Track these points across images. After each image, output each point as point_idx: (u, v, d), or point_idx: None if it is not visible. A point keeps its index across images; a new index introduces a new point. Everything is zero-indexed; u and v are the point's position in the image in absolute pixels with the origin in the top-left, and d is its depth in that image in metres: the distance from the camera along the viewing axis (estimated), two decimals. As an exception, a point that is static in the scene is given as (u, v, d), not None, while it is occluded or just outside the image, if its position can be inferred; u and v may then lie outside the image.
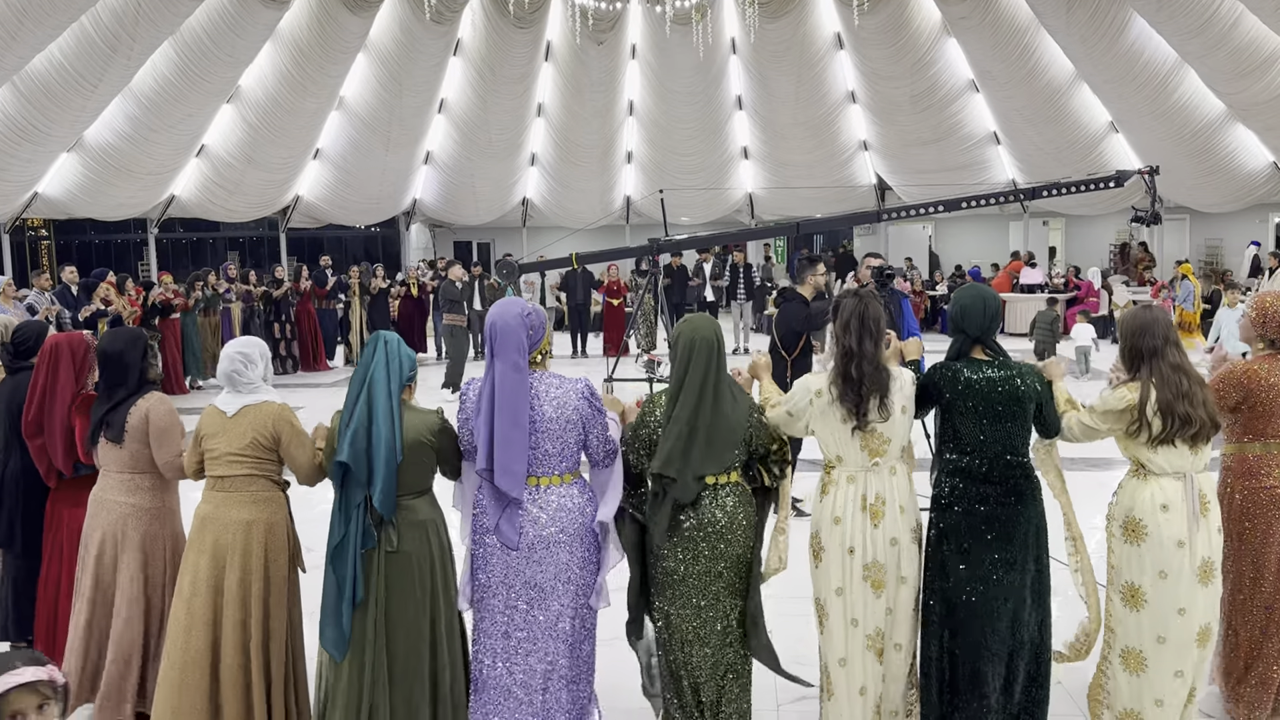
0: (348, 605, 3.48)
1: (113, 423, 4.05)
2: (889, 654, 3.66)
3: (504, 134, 22.22)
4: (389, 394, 3.55)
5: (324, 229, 25.18)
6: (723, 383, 3.55)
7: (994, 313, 3.73)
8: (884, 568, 3.59)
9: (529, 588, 3.53)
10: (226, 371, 3.86)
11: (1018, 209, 22.57)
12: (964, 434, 3.65)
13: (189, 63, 17.35)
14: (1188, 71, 17.77)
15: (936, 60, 20.18)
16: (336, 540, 3.52)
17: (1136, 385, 3.65)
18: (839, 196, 23.02)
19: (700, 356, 3.52)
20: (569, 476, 3.60)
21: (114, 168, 18.36)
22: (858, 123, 22.10)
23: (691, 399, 3.48)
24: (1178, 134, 18.76)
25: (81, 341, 4.46)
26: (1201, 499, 3.62)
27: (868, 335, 3.56)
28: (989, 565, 3.59)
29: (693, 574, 3.53)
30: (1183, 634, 3.58)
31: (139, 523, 4.06)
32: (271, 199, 21.63)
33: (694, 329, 3.59)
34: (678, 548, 3.54)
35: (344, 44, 19.22)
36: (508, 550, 3.51)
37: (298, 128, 20.29)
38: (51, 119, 16.26)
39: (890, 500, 3.61)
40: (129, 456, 4.06)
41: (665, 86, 21.55)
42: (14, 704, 2.13)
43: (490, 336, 3.55)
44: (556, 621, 3.55)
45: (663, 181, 18.38)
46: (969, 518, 3.62)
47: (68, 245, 28.17)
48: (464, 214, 24.00)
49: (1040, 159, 20.71)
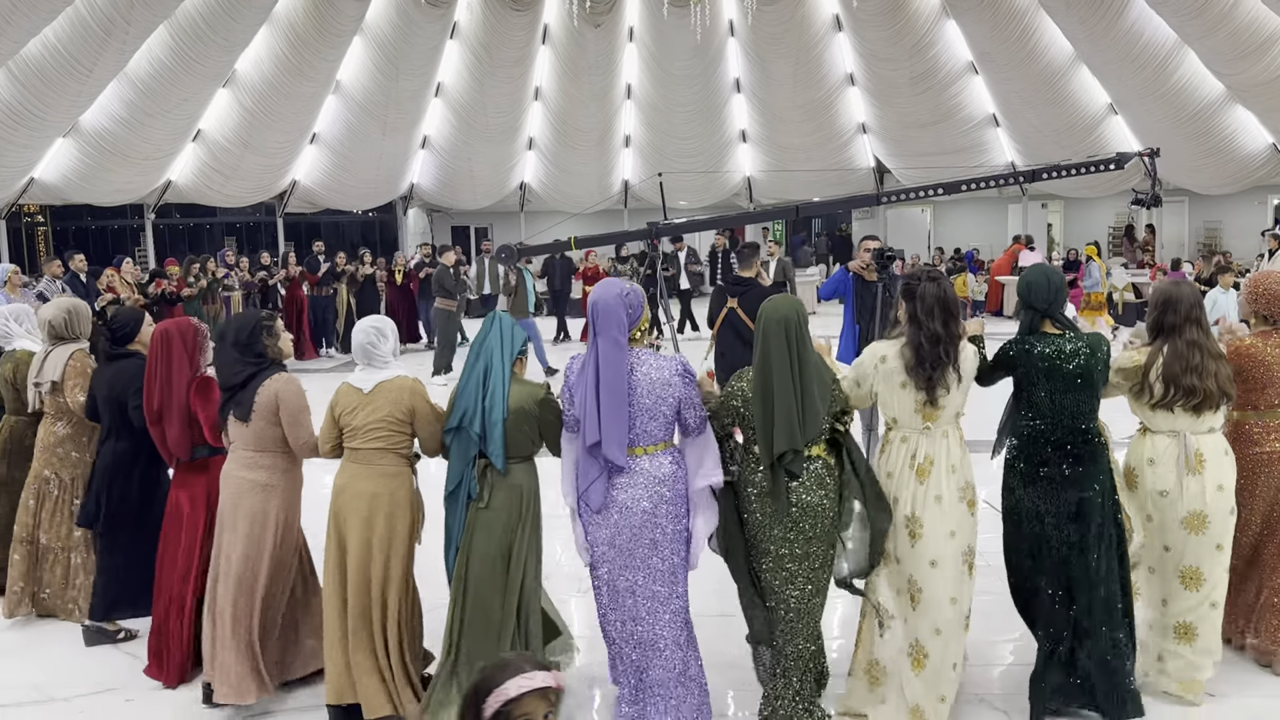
0: (452, 550, 3.92)
1: (241, 401, 4.13)
2: (930, 604, 3.82)
3: (501, 118, 22.15)
4: (503, 364, 3.87)
5: (321, 214, 25.09)
6: (810, 357, 3.76)
7: (1058, 287, 3.98)
8: (921, 521, 3.81)
9: (625, 553, 3.78)
10: (362, 345, 4.05)
11: (1016, 192, 22.53)
12: (1038, 403, 3.91)
13: (184, 46, 17.28)
14: (1187, 53, 17.72)
15: (935, 42, 20.12)
16: (451, 488, 3.92)
17: (1147, 351, 4.03)
18: (838, 180, 22.95)
19: (790, 334, 3.69)
20: (662, 446, 3.82)
21: (110, 153, 18.31)
22: (856, 105, 22.04)
23: (787, 376, 3.67)
24: (1177, 116, 18.72)
25: (190, 326, 4.56)
26: (1197, 457, 4.01)
27: (950, 318, 3.78)
28: (1041, 510, 3.89)
29: (784, 535, 3.75)
30: (1167, 567, 4.11)
31: (252, 498, 4.15)
32: (268, 184, 21.56)
33: (776, 308, 3.78)
34: (774, 512, 3.76)
35: (340, 27, 19.14)
36: (607, 516, 3.76)
37: (294, 112, 20.22)
38: (47, 104, 16.20)
39: (939, 460, 3.84)
40: (254, 434, 4.14)
41: (663, 70, 21.48)
42: (524, 707, 2.10)
43: (592, 315, 3.77)
44: (653, 583, 3.78)
45: (661, 165, 18.32)
46: (1033, 472, 3.92)
47: (64, 231, 28.06)
48: (461, 199, 23.93)
49: (1039, 141, 20.66)
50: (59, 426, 5.16)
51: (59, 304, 5.32)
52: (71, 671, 4.66)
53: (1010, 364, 3.97)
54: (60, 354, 5.12)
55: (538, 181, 23.47)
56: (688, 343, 13.09)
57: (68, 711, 4.29)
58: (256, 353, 4.17)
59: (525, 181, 23.54)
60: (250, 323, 4.26)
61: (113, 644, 4.87)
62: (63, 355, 5.10)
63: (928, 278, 3.84)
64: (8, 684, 4.54)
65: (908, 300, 3.86)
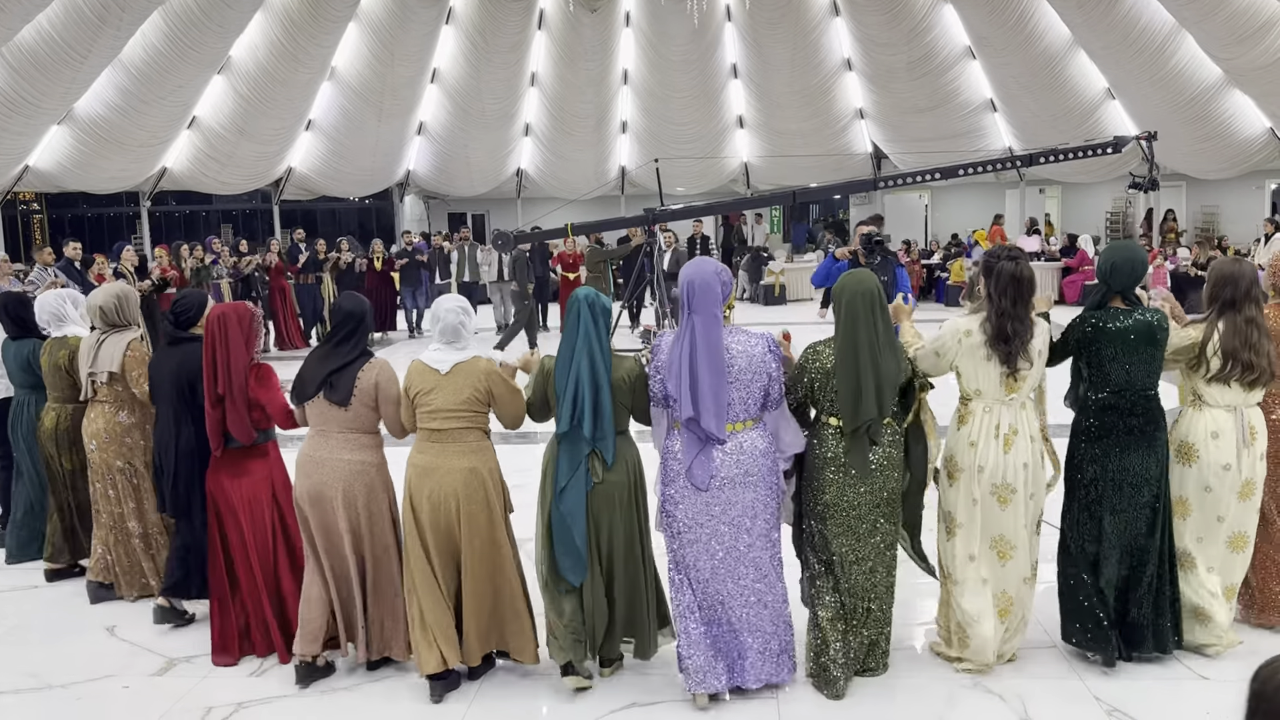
0: (580, 536, 3.94)
1: (338, 385, 4.17)
2: (1010, 556, 4.17)
3: (497, 104, 22.07)
4: (601, 347, 3.98)
5: (317, 201, 25.05)
6: (889, 331, 3.97)
7: (1141, 270, 4.19)
8: (1012, 488, 4.08)
9: (721, 524, 3.92)
10: (451, 325, 4.10)
11: (1014, 178, 22.49)
12: (1111, 374, 4.11)
13: (179, 33, 17.20)
14: (1185, 37, 17.67)
15: (933, 27, 20.06)
16: (564, 483, 3.96)
17: (1202, 326, 4.23)
18: (835, 165, 22.91)
19: (875, 307, 3.91)
20: (751, 422, 3.96)
21: (105, 140, 18.24)
22: (854, 90, 21.98)
23: (867, 350, 3.87)
24: (1174, 100, 18.68)
25: (247, 310, 4.55)
26: (1250, 429, 4.23)
27: (1022, 296, 3.99)
28: (1114, 477, 4.12)
29: (854, 504, 3.99)
30: (1218, 535, 4.29)
31: (367, 479, 4.22)
32: (264, 171, 21.50)
33: (860, 281, 3.96)
34: (845, 482, 3.98)
35: (335, 13, 19.06)
36: (699, 491, 3.88)
37: (289, 98, 20.14)
38: (41, 91, 16.13)
39: (1021, 431, 4.09)
40: (353, 417, 4.20)
41: (660, 55, 21.41)
42: None
43: (689, 293, 3.89)
44: (748, 552, 3.95)
45: (658, 151, 18.28)
46: (1108, 437, 4.13)
47: (60, 219, 28.01)
48: (458, 185, 23.87)
49: (1037, 126, 20.62)
50: (123, 415, 5.11)
51: (108, 289, 5.24)
52: (68, 658, 4.67)
53: (1087, 339, 4.15)
54: (116, 342, 5.05)
55: (534, 168, 23.41)
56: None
57: (64, 699, 4.30)
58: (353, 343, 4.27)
59: (522, 168, 23.48)
60: (370, 308, 4.43)
61: (180, 624, 4.93)
62: (119, 344, 5.04)
63: (1006, 256, 4.04)
64: (5, 670, 4.55)
65: (986, 277, 4.07)
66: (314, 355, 4.33)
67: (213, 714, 4.10)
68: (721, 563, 3.94)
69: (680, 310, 3.93)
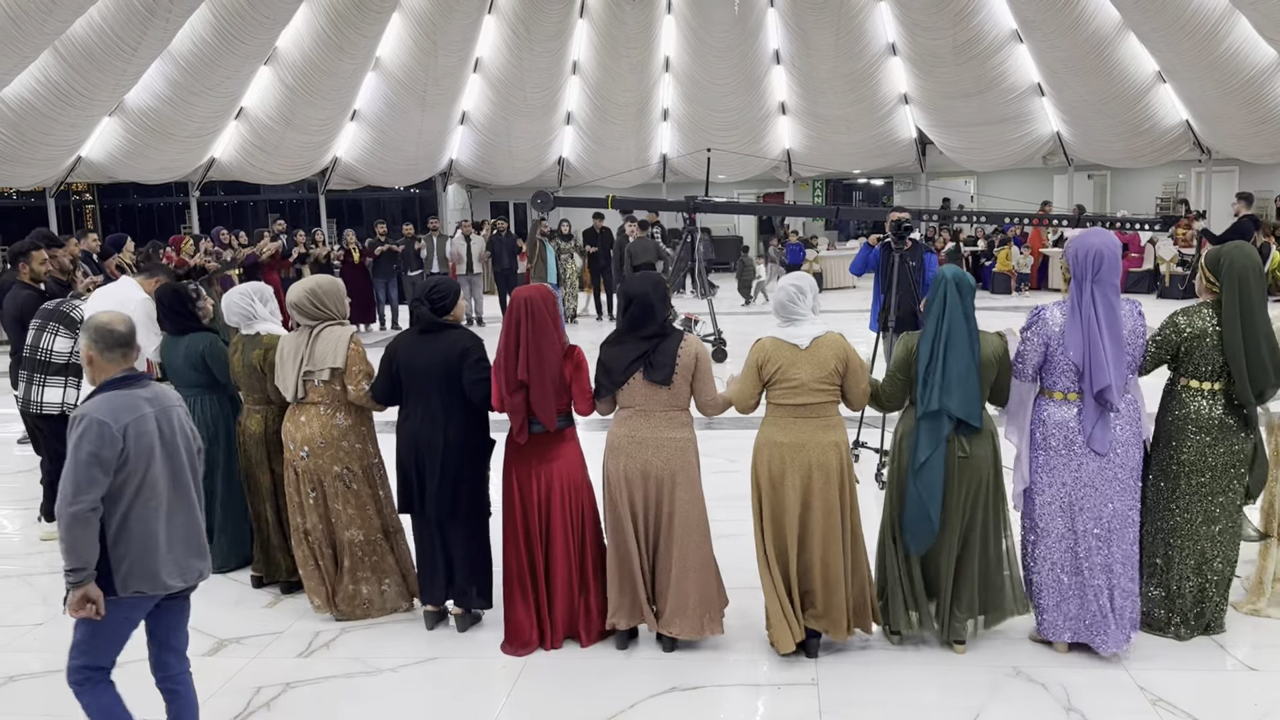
0: (935, 509, 4.02)
1: (658, 363, 4.14)
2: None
3: (539, 92, 22.14)
4: (969, 325, 4.01)
5: (362, 191, 25.29)
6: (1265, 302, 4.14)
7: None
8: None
9: (1109, 488, 4.07)
10: (781, 302, 4.12)
11: (1063, 162, 22.20)
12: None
13: (226, 25, 17.42)
14: (1239, 19, 17.28)
15: (979, 10, 19.81)
16: (923, 458, 4.01)
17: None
18: (879, 151, 22.77)
19: (1259, 278, 4.09)
20: (1125, 389, 4.07)
21: (155, 131, 18.54)
22: (898, 75, 21.77)
23: (1259, 317, 4.06)
24: (1227, 83, 18.29)
25: (550, 293, 4.36)
26: None
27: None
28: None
29: (1212, 465, 4.17)
30: None
31: (688, 456, 4.22)
32: (310, 161, 21.74)
33: (1246, 255, 4.09)
34: (1204, 442, 4.16)
35: (379, 3, 19.20)
36: (1081, 458, 4.04)
37: (335, 89, 20.34)
38: (93, 83, 16.42)
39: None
40: (673, 395, 4.18)
41: (702, 42, 21.34)
42: None
43: (1095, 263, 3.96)
44: (1129, 513, 4.12)
45: (699, 139, 18.25)
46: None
47: (111, 209, 28.52)
48: (500, 174, 24.00)
49: (1085, 111, 20.33)
50: (339, 418, 4.67)
51: (302, 285, 4.74)
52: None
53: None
54: (333, 337, 4.63)
55: (576, 156, 23.46)
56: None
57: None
58: (660, 318, 4.23)
59: (564, 156, 23.54)
60: (663, 284, 4.37)
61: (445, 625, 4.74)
62: (340, 338, 4.63)
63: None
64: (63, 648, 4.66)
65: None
66: (610, 342, 4.26)
67: (262, 693, 4.18)
68: (1107, 526, 4.07)
69: (1079, 280, 3.99)
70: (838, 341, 4.09)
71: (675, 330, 4.23)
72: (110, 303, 5.50)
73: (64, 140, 17.44)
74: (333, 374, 4.61)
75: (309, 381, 4.63)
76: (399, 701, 4.10)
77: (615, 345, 4.24)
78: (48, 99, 16.05)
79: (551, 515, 4.35)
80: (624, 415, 4.25)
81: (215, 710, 4.04)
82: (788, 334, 4.09)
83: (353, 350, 4.63)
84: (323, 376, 4.60)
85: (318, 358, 4.61)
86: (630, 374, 4.16)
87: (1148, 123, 20.22)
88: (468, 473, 4.47)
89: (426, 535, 4.60)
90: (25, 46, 14.39)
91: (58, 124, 16.74)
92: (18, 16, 13.53)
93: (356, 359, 4.63)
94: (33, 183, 18.81)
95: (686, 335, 4.22)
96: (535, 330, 4.20)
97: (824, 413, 4.09)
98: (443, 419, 4.43)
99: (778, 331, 4.13)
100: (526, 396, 4.22)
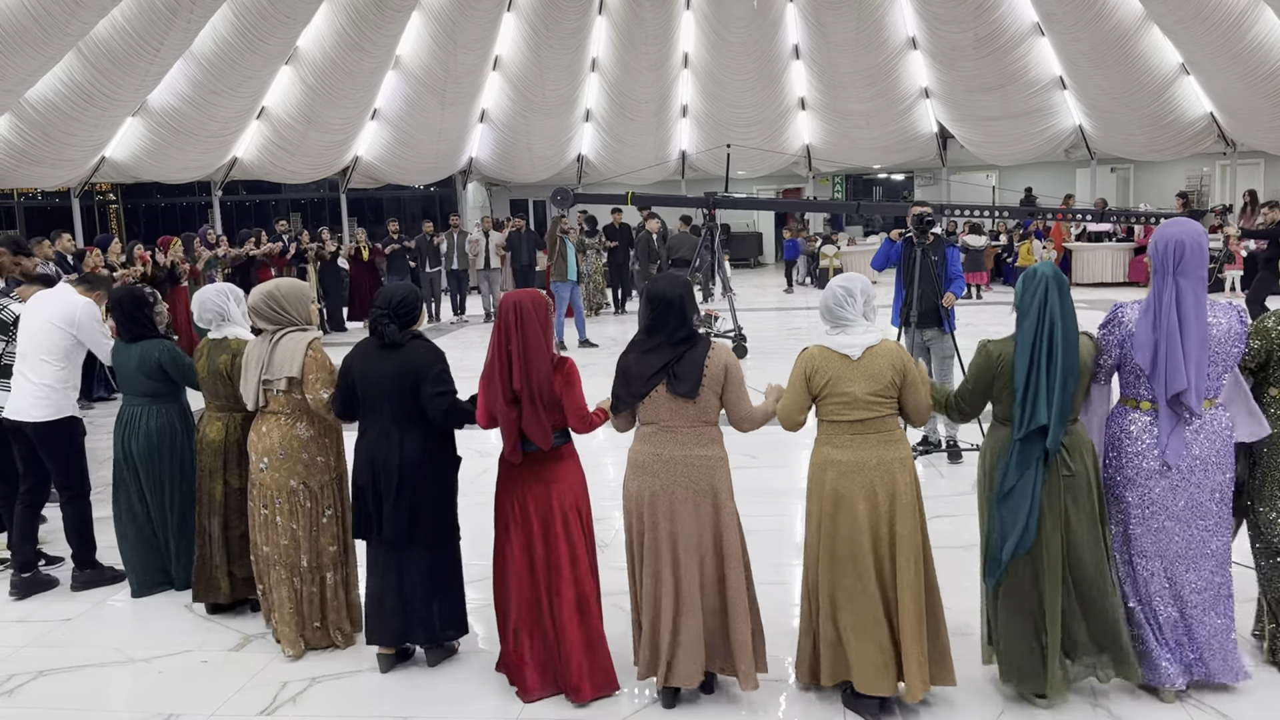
0: (1010, 544, 3.62)
1: (683, 374, 3.73)
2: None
3: (558, 90, 22.16)
4: (1067, 328, 3.58)
5: (383, 189, 25.38)
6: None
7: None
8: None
9: (1188, 508, 3.70)
10: (829, 305, 3.76)
11: (1085, 155, 22.03)
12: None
13: (247, 24, 17.51)
14: (1263, 9, 17.08)
15: (1000, 3, 19.68)
16: (1010, 485, 3.62)
17: None
18: (899, 145, 22.66)
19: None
20: (1217, 399, 3.73)
21: (177, 131, 18.65)
22: (918, 69, 21.66)
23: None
24: (1252, 75, 18.09)
25: (541, 298, 3.93)
26: None
27: None
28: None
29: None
30: None
31: (719, 476, 3.82)
32: (331, 160, 21.84)
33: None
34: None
35: (399, 2, 19.25)
36: (1163, 474, 3.67)
37: (355, 88, 20.42)
38: (116, 83, 16.53)
39: None
40: (700, 409, 3.77)
41: (720, 37, 21.30)
42: None
43: (1177, 255, 3.59)
44: (1210, 538, 3.73)
45: (718, 135, 18.21)
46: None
47: (135, 209, 28.73)
48: (520, 172, 24.04)
49: (1108, 104, 20.16)
50: (300, 429, 4.39)
51: (262, 288, 4.52)
52: (150, 634, 4.85)
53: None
54: (292, 344, 4.36)
55: (595, 153, 23.48)
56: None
57: (146, 671, 4.45)
58: (688, 323, 3.81)
59: (583, 153, 23.56)
60: (690, 289, 3.94)
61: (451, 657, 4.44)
62: (298, 345, 4.34)
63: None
64: (91, 644, 4.73)
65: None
66: (632, 351, 3.87)
67: (287, 688, 4.21)
68: (1182, 550, 3.72)
69: (1160, 272, 3.62)
70: (893, 351, 3.71)
71: (703, 337, 3.82)
72: (55, 306, 5.37)
73: (88, 141, 17.57)
74: (290, 383, 4.33)
75: (269, 390, 4.38)
76: (426, 684, 4.13)
77: (636, 353, 3.84)
78: (72, 100, 16.17)
79: (553, 544, 3.92)
80: (647, 432, 3.84)
81: (242, 704, 4.09)
82: (837, 343, 3.72)
83: (310, 358, 4.31)
84: (280, 386, 4.33)
85: (275, 366, 4.34)
86: (652, 386, 3.76)
87: (1171, 115, 20.04)
88: (428, 493, 4.10)
89: (381, 562, 4.18)
90: (49, 48, 14.48)
91: (81, 125, 16.86)
92: (41, 18, 13.63)
93: (314, 366, 4.31)
94: (57, 183, 18.97)
95: (715, 343, 3.82)
96: (525, 337, 3.80)
97: (883, 427, 3.71)
98: (398, 435, 4.08)
99: (826, 340, 3.76)
100: (520, 412, 3.83)
